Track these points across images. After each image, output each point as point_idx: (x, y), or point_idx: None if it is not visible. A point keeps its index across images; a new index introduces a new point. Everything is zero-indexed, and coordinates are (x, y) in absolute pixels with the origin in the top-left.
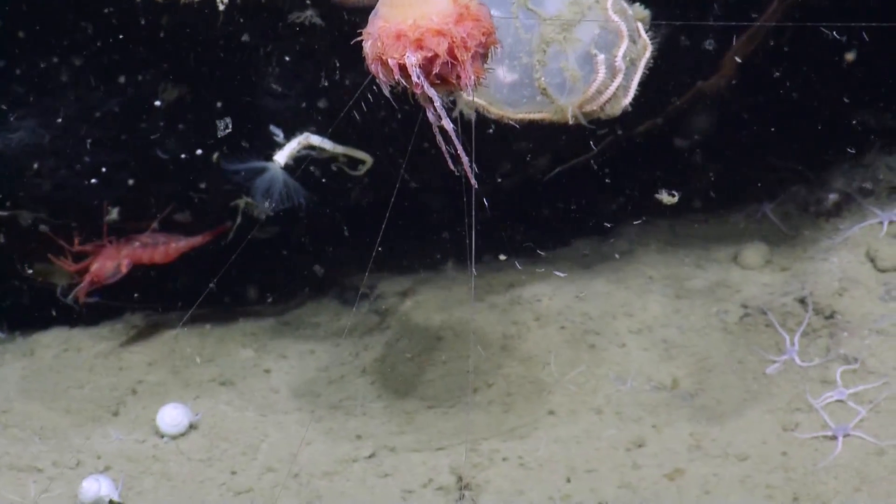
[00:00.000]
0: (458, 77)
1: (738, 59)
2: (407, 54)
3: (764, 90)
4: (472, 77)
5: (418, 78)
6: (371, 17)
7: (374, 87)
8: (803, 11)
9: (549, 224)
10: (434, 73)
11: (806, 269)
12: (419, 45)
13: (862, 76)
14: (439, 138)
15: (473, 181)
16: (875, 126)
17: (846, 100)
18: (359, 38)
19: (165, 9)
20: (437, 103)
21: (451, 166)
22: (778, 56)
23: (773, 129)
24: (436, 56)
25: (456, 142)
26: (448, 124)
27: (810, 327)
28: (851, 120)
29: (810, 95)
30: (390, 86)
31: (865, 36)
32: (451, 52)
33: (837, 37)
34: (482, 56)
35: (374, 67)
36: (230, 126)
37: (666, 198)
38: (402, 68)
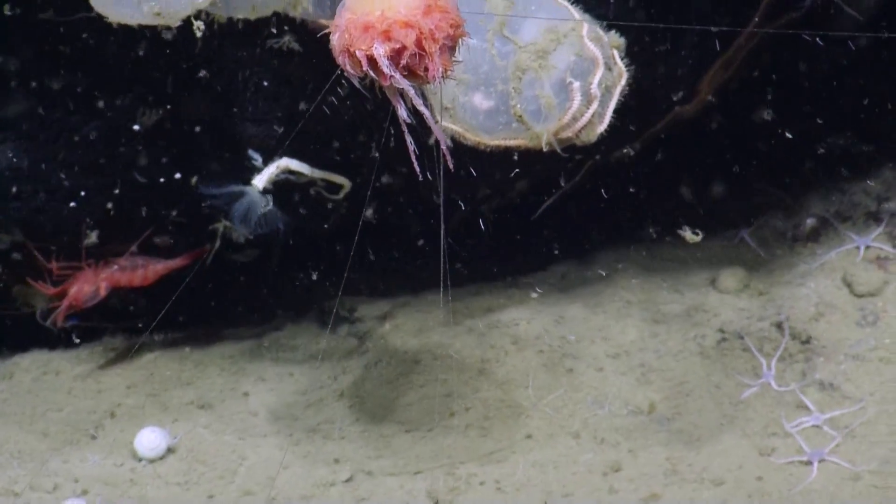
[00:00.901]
0: (426, 69)
1: (713, 86)
2: (375, 45)
3: (740, 115)
4: (440, 69)
5: (387, 68)
6: (339, 9)
7: (339, 90)
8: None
9: (527, 248)
10: (402, 65)
11: (783, 293)
12: (387, 36)
13: (838, 100)
14: (409, 139)
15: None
16: (852, 150)
17: (820, 121)
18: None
19: (144, 34)
20: (411, 92)
21: (417, 170)
22: (754, 81)
23: (750, 154)
24: (404, 48)
25: (434, 127)
26: (423, 110)
27: (787, 352)
28: (828, 144)
29: (787, 120)
30: (359, 78)
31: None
32: (419, 43)
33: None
34: (450, 49)
35: (341, 60)
36: (270, 203)
37: (689, 235)
38: (371, 60)
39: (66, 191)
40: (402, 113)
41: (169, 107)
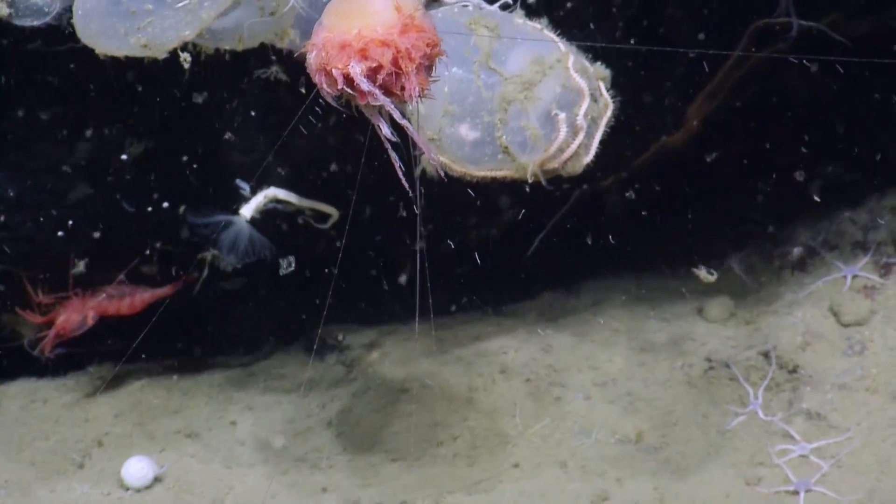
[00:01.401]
0: (403, 88)
1: (700, 115)
2: (351, 64)
3: (728, 144)
4: (417, 88)
5: (364, 85)
6: (315, 27)
7: (317, 108)
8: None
9: (515, 277)
10: (378, 84)
11: (770, 322)
12: (364, 55)
13: (826, 129)
14: (393, 156)
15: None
16: (839, 179)
17: (806, 150)
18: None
19: (131, 64)
20: (390, 107)
21: (404, 183)
22: (741, 111)
23: (737, 182)
24: (380, 66)
25: (416, 137)
26: (404, 122)
27: (773, 381)
28: (815, 173)
29: (774, 149)
30: (335, 98)
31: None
32: (395, 62)
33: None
34: (427, 68)
35: (318, 78)
36: (292, 264)
37: (704, 275)
38: (347, 78)
39: (53, 220)
40: (385, 130)
41: (157, 136)
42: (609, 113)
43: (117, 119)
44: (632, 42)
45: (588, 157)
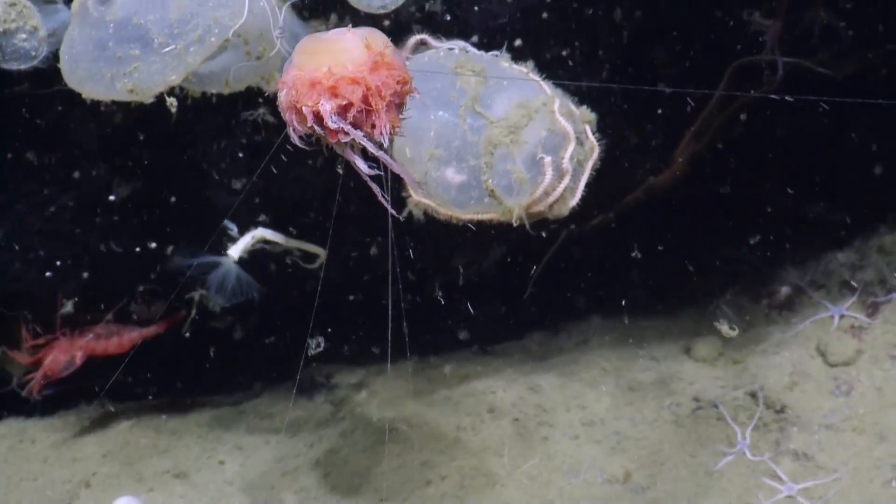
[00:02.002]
0: (374, 126)
1: (687, 155)
2: (321, 102)
3: (714, 183)
4: (388, 125)
5: (334, 123)
6: (285, 65)
7: (288, 147)
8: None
9: (503, 316)
10: (349, 121)
11: (758, 362)
12: (333, 92)
13: (813, 170)
14: (375, 188)
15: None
16: (827, 219)
17: (792, 191)
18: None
19: (118, 107)
20: (362, 140)
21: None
22: (727, 151)
23: (725, 222)
24: (350, 104)
25: (391, 164)
26: (378, 152)
27: (761, 421)
28: (803, 212)
29: (762, 188)
30: (307, 135)
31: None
32: (365, 100)
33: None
34: (397, 105)
35: (288, 116)
36: (322, 344)
37: (726, 330)
38: (317, 116)
39: (41, 261)
40: (361, 165)
41: (144, 177)
42: (595, 156)
43: (105, 160)
44: (620, 85)
45: (574, 200)
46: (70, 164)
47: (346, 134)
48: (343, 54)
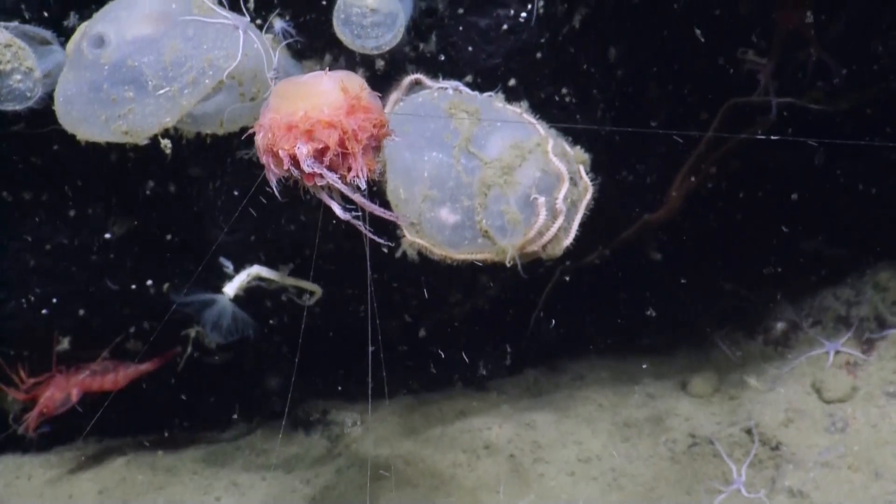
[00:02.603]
0: (350, 169)
1: (682, 193)
2: (298, 145)
3: (710, 220)
4: (364, 169)
5: (310, 166)
6: (262, 109)
7: (267, 189)
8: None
9: (500, 352)
10: (325, 164)
11: (753, 398)
12: (310, 136)
13: (808, 207)
14: (364, 229)
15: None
16: (822, 255)
17: (787, 229)
18: None
19: (113, 147)
20: (338, 184)
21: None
22: (723, 187)
23: (721, 257)
24: (326, 147)
25: (367, 205)
26: (355, 195)
27: (757, 458)
28: (800, 249)
29: (758, 224)
30: (284, 178)
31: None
32: (342, 143)
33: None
34: (374, 148)
35: (265, 159)
36: (358, 423)
37: (754, 383)
38: (294, 159)
39: (38, 298)
40: (337, 209)
41: (140, 215)
42: (589, 196)
43: (100, 199)
44: (615, 123)
45: (568, 240)
46: (66, 203)
47: (323, 177)
48: (319, 98)
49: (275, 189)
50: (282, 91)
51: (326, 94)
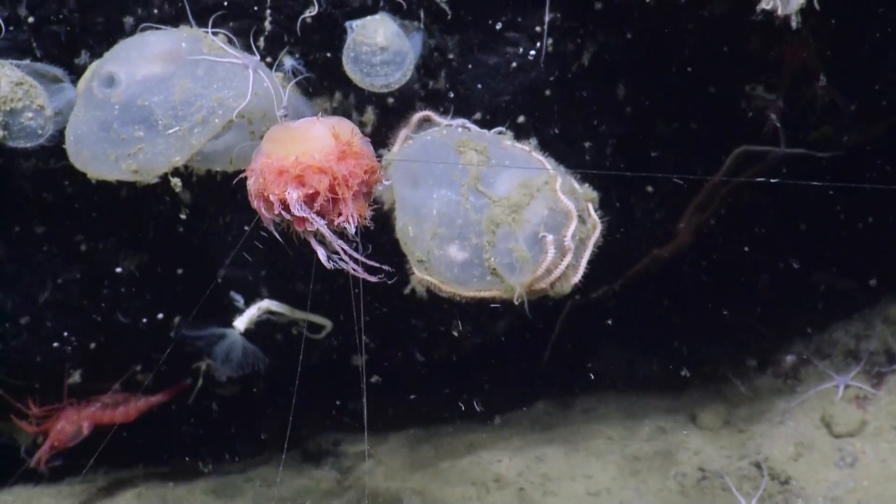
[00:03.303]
0: (340, 214)
1: (691, 228)
2: (288, 190)
3: (721, 254)
4: (355, 215)
5: (300, 211)
6: (254, 153)
7: (262, 233)
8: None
9: (510, 386)
10: (315, 210)
11: (763, 431)
12: (301, 181)
13: (818, 240)
14: (355, 274)
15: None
16: (833, 288)
17: (797, 262)
18: None
19: (124, 182)
20: (325, 231)
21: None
22: (733, 222)
23: (731, 291)
24: (317, 193)
25: (354, 267)
26: (339, 245)
27: (766, 492)
28: (809, 282)
29: (768, 258)
30: (275, 223)
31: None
32: (332, 189)
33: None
34: (366, 194)
35: (256, 204)
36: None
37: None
38: (284, 204)
39: (49, 331)
40: (322, 256)
41: (151, 250)
42: (597, 233)
43: (111, 234)
44: (624, 159)
45: (576, 278)
46: (77, 238)
47: (312, 223)
48: (310, 143)
49: (274, 232)
50: (274, 136)
51: (318, 139)
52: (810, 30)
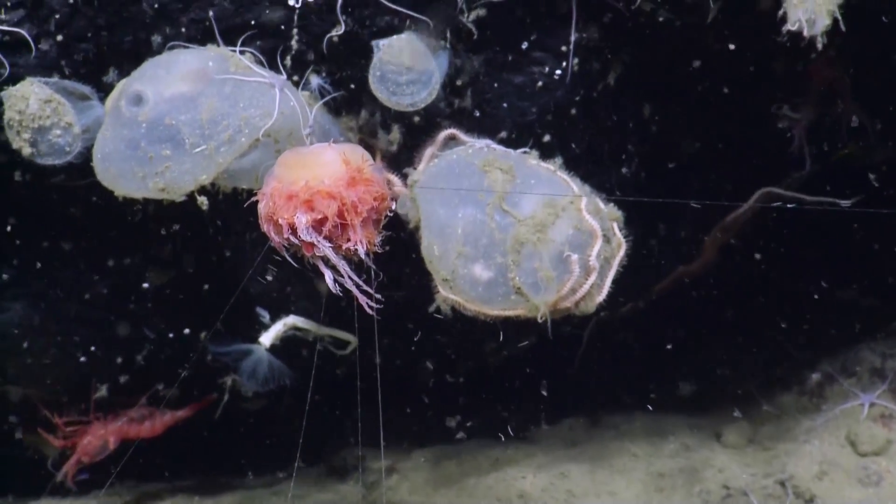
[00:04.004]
0: (349, 239)
1: (717, 246)
2: (297, 215)
3: (746, 271)
4: (363, 241)
5: (308, 236)
6: (266, 177)
7: (276, 257)
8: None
9: (535, 402)
10: (324, 235)
11: (788, 449)
12: (310, 206)
13: (844, 259)
14: (362, 301)
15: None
16: (858, 306)
17: (822, 280)
18: None
19: (151, 199)
20: (335, 260)
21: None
22: (758, 239)
23: (757, 310)
24: (325, 218)
25: (359, 296)
26: (345, 273)
27: None
28: (835, 300)
29: (794, 276)
30: (285, 247)
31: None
32: (341, 215)
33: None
34: (375, 221)
35: (265, 227)
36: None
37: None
38: (293, 229)
39: (76, 346)
40: (329, 282)
41: (177, 265)
42: (622, 253)
43: (138, 249)
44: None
45: (601, 297)
46: (104, 253)
47: (319, 248)
48: (321, 169)
49: (285, 255)
50: (285, 161)
51: (328, 165)
52: (836, 50)
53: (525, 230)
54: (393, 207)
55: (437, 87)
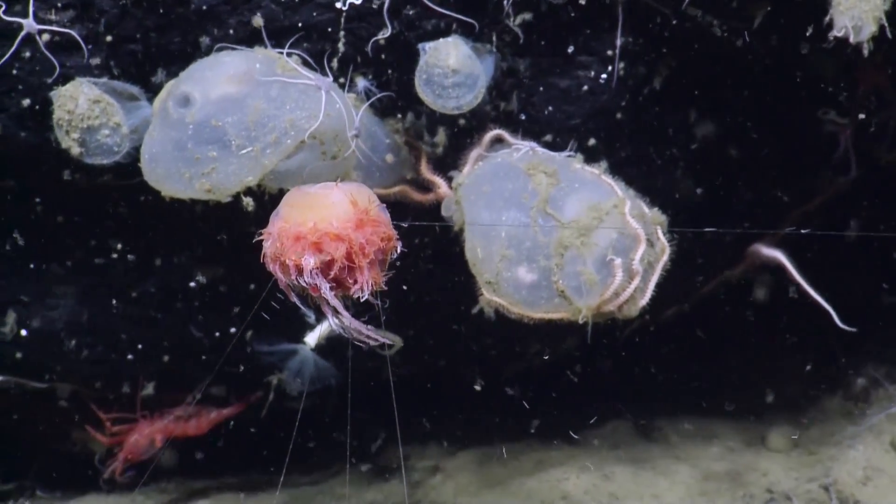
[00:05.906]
0: (356, 281)
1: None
2: (305, 256)
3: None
4: (370, 283)
5: (314, 281)
6: (273, 216)
7: (279, 295)
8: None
9: (579, 403)
10: (331, 276)
11: (832, 454)
12: (317, 248)
13: (890, 262)
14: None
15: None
16: None
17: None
18: None
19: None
20: (339, 307)
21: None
22: (804, 243)
23: (802, 313)
24: (333, 260)
25: (369, 336)
26: (348, 319)
27: None
28: (882, 303)
29: (840, 279)
30: (291, 286)
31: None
32: (349, 256)
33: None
34: (381, 261)
35: (272, 267)
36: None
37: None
38: (300, 270)
39: (123, 344)
40: (333, 323)
41: (224, 265)
42: (665, 257)
43: (186, 248)
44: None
45: (644, 301)
46: (152, 252)
47: (324, 294)
48: (329, 210)
49: (291, 296)
50: (292, 200)
51: (336, 206)
52: (883, 55)
53: (569, 233)
54: (399, 248)
55: (482, 91)
